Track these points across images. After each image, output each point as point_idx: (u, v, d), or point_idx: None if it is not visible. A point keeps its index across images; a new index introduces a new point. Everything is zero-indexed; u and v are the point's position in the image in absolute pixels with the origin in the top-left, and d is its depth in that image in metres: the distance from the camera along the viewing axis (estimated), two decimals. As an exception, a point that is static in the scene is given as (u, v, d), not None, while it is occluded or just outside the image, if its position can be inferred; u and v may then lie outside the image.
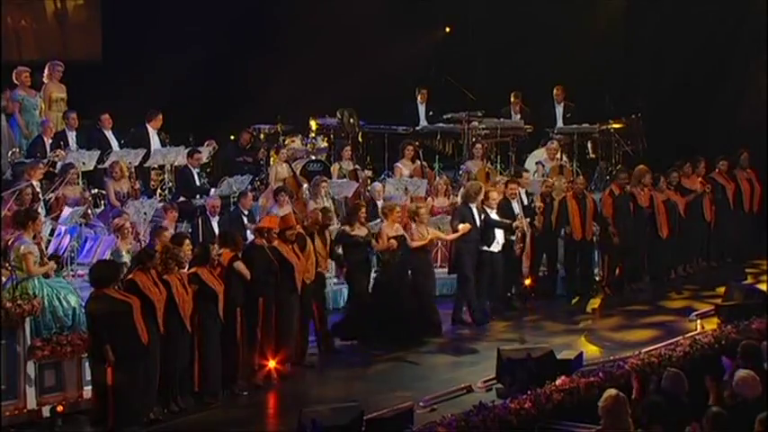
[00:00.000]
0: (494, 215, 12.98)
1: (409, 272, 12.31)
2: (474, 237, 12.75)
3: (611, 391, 7.90)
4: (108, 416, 9.30)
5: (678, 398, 8.37)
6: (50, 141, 14.12)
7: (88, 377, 9.82)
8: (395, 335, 11.99)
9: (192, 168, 14.48)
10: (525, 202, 13.74)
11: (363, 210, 12.41)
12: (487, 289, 13.05)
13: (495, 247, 13.01)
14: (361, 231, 12.12)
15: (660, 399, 8.29)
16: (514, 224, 13.12)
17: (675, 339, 11.26)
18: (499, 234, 13.03)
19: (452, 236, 12.79)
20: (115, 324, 9.28)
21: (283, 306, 11.04)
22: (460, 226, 12.64)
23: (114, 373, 9.24)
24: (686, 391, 8.49)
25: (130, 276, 9.84)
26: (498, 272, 13.09)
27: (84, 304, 9.89)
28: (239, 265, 10.51)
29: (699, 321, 12.51)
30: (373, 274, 12.50)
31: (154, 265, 9.80)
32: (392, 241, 12.12)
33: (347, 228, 12.16)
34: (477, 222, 12.80)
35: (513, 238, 13.20)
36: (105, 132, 14.74)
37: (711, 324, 12.18)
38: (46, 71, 14.90)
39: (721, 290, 13.53)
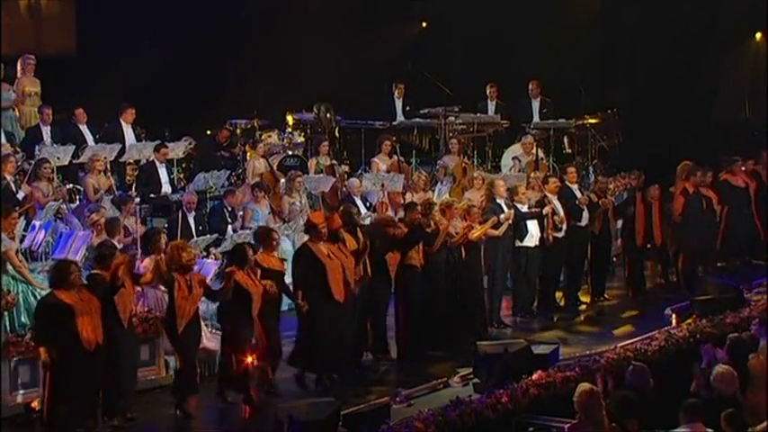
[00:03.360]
0: (524, 209, 12.84)
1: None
2: (507, 233, 12.58)
3: (585, 386, 7.95)
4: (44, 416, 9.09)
5: (643, 392, 8.41)
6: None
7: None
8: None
9: (157, 163, 14.38)
10: (579, 196, 13.58)
11: (437, 208, 12.05)
12: (524, 286, 12.96)
13: (530, 241, 12.84)
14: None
15: (632, 393, 8.33)
16: (544, 210, 12.93)
17: (651, 334, 11.32)
18: (534, 228, 12.86)
19: (502, 228, 12.39)
20: (55, 327, 8.96)
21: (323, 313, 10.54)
22: (502, 216, 12.39)
23: (52, 376, 8.95)
24: (651, 385, 8.53)
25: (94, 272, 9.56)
26: (534, 268, 12.95)
27: None
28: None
29: (674, 316, 12.57)
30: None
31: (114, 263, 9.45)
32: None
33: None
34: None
35: (545, 235, 12.98)
36: (80, 127, 14.66)
37: (686, 318, 12.25)
38: (18, 65, 14.79)
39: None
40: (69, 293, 9.07)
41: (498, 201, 12.71)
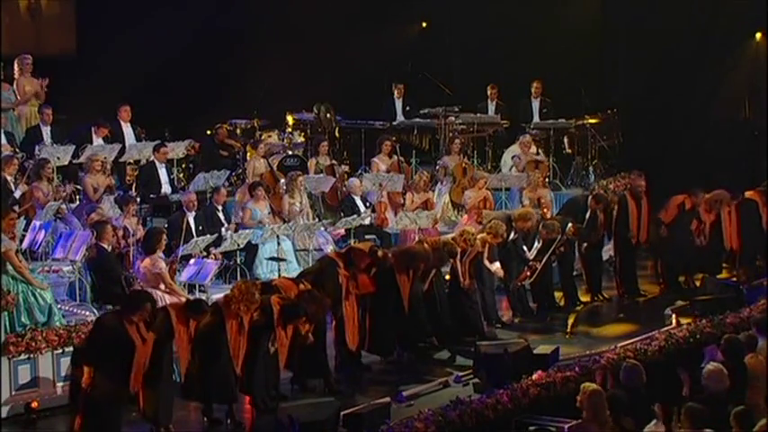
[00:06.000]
0: (536, 244, 12.83)
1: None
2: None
3: (592, 385, 7.94)
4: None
5: (636, 390, 8.42)
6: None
7: (63, 373, 9.78)
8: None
9: (157, 163, 14.36)
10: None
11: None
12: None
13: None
14: None
15: (621, 392, 8.32)
16: (531, 263, 12.83)
17: (651, 334, 11.31)
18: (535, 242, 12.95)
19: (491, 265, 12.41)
20: (110, 354, 8.66)
21: None
22: (494, 266, 12.41)
23: (86, 397, 8.72)
24: (644, 383, 8.54)
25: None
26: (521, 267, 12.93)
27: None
28: None
29: (674, 316, 12.56)
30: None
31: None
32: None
33: None
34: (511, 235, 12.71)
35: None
36: (93, 136, 14.58)
37: (687, 318, 12.25)
38: (16, 66, 14.80)
39: (697, 283, 13.63)
40: (137, 328, 8.70)
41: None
